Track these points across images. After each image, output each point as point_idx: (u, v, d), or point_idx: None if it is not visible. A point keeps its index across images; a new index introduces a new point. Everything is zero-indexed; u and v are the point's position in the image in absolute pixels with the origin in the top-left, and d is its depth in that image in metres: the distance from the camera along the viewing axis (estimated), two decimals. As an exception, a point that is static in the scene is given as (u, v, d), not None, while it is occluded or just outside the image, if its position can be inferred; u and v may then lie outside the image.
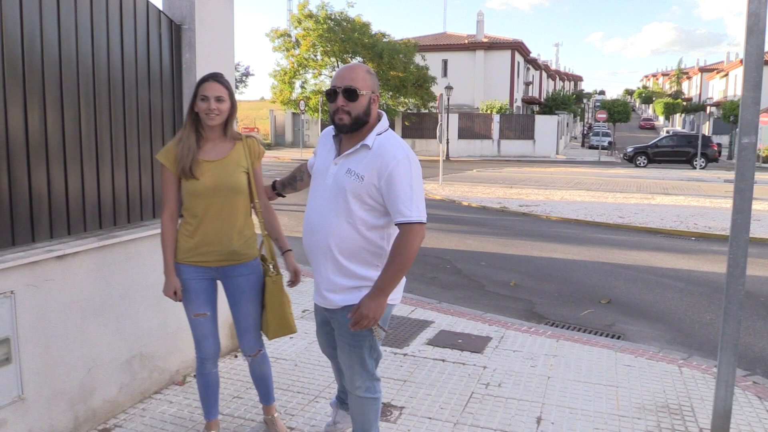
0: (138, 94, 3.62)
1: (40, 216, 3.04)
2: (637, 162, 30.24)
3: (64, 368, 3.12)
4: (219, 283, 3.05)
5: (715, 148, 29.54)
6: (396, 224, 2.43)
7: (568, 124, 49.97)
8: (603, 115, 39.64)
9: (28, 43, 2.91)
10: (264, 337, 3.11)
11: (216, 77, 2.82)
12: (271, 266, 3.00)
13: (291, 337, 3.28)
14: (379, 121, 2.56)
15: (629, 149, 31.45)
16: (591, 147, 45.28)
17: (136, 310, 3.56)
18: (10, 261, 2.78)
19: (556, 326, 5.73)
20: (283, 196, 3.22)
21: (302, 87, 36.39)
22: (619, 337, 5.47)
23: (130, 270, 3.50)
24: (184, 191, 2.87)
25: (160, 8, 3.84)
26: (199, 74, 3.93)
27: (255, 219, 3.05)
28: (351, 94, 2.44)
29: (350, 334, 2.60)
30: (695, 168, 28.76)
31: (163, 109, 3.83)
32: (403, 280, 2.60)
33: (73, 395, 3.17)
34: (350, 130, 2.49)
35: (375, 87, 2.53)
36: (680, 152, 29.97)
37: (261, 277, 3.01)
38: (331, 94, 2.49)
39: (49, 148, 3.06)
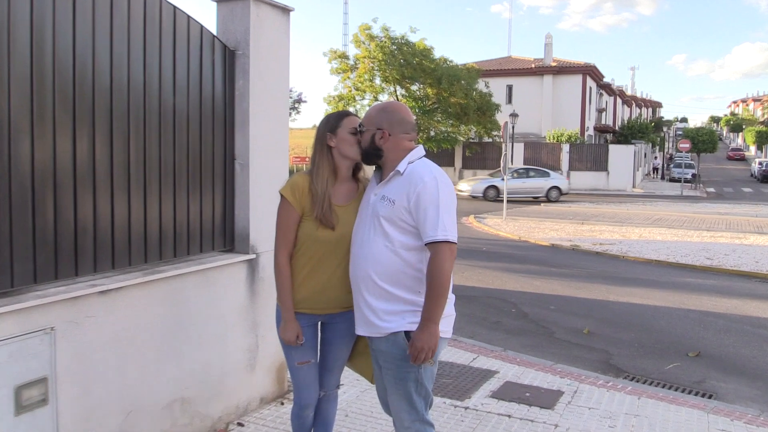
0: (189, 123, 3.69)
1: (85, 249, 3.10)
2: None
3: (103, 412, 3.14)
4: None
5: None
6: (426, 245, 2.56)
7: (645, 154, 48.83)
8: (686, 145, 38.53)
9: (79, 70, 3.01)
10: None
11: (352, 114, 2.99)
12: None
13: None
14: (413, 151, 2.77)
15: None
16: (672, 180, 44.05)
17: (179, 351, 3.57)
18: (51, 296, 2.83)
19: (637, 381, 5.48)
20: None
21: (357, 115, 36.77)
22: (711, 396, 5.17)
23: (174, 308, 3.53)
24: (306, 234, 2.87)
25: (214, 33, 3.94)
26: (253, 101, 3.99)
27: None
28: (359, 130, 2.83)
29: (395, 365, 2.66)
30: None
31: (215, 138, 3.88)
32: (453, 314, 2.77)
33: (110, 441, 3.19)
34: (364, 161, 2.87)
35: (382, 123, 2.76)
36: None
37: None
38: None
39: (96, 178, 3.13)
